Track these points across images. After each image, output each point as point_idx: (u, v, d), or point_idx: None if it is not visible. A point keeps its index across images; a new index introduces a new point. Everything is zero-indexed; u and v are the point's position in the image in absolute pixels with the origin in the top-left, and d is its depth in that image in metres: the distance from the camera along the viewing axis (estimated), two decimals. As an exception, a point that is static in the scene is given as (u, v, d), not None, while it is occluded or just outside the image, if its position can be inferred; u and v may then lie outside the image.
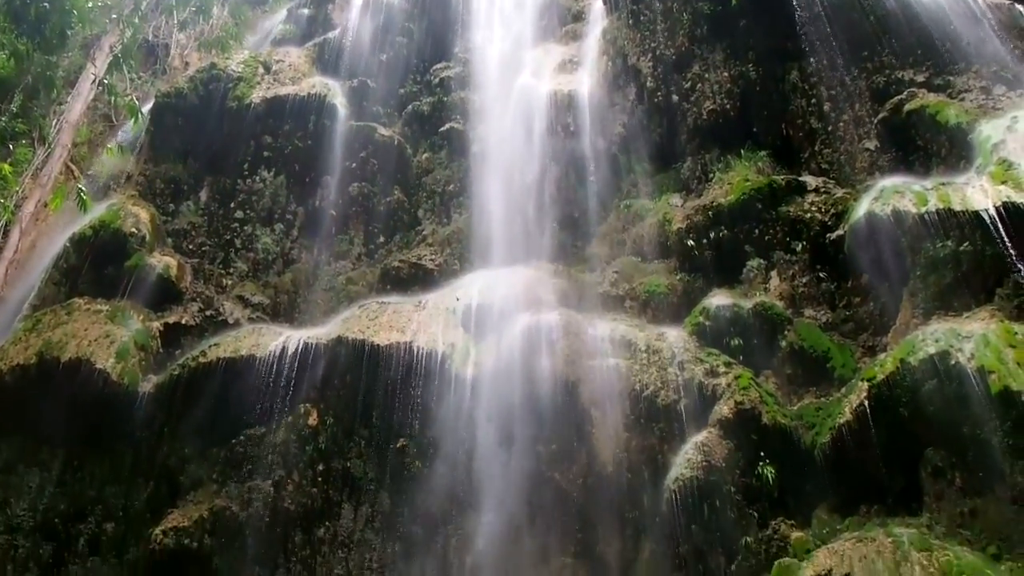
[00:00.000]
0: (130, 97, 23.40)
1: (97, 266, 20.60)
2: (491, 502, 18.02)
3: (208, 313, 20.77)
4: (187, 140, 24.85)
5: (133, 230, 21.03)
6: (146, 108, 24.05)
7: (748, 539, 15.24)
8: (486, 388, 18.91)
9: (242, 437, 17.92)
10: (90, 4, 21.96)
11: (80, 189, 17.99)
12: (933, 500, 13.88)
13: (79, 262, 20.52)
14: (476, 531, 17.78)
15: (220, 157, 24.51)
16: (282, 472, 17.48)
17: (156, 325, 19.63)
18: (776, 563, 14.34)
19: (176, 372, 18.29)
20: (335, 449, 18.15)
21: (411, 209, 25.42)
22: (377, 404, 18.64)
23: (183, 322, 20.25)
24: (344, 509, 17.91)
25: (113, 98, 22.40)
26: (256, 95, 24.89)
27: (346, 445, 18.34)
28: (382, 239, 24.83)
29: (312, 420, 18.06)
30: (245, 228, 23.90)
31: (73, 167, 24.24)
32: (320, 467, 17.83)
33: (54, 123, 22.97)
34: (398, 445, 18.56)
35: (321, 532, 17.46)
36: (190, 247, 23.17)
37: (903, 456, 14.62)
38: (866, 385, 15.05)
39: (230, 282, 22.68)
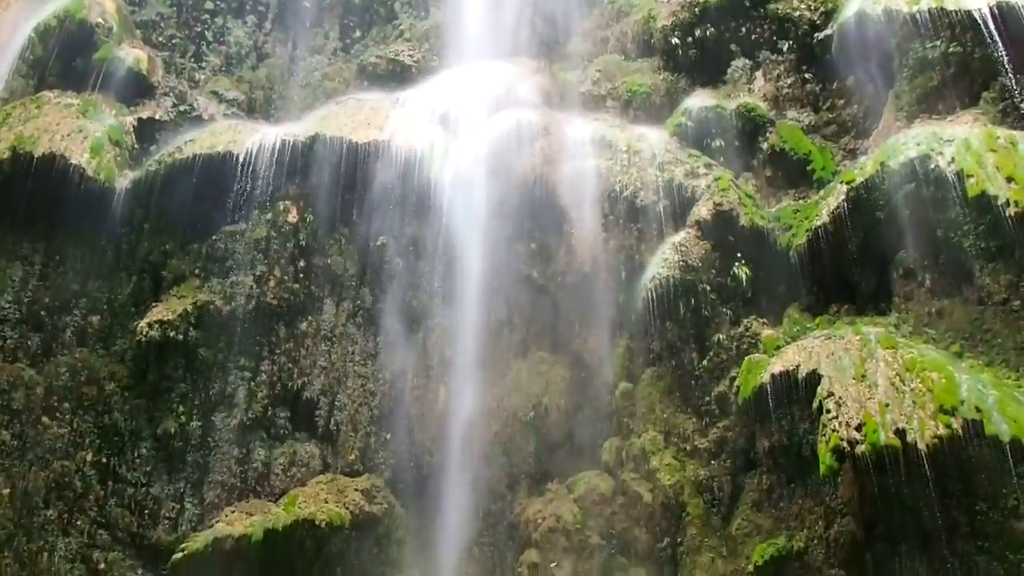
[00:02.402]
0: None
1: (64, 58, 19.87)
2: (470, 299, 18.36)
3: (182, 108, 20.28)
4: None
5: (99, 20, 20.17)
6: None
7: (720, 336, 15.73)
8: (464, 187, 18.87)
9: (222, 233, 17.94)
10: None
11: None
12: (902, 301, 14.29)
13: (45, 54, 19.73)
14: (456, 326, 18.21)
15: (187, -61, 23.32)
16: (263, 268, 17.62)
17: (130, 120, 19.19)
18: (746, 359, 14.89)
19: (153, 168, 18.05)
20: (315, 246, 18.25)
21: (387, 2, 24.52)
22: (356, 202, 18.63)
23: (157, 117, 19.78)
24: (326, 304, 18.20)
25: None
26: None
27: (326, 242, 18.44)
28: (358, 33, 24.10)
29: (292, 217, 18.06)
30: (216, 19, 23.07)
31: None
32: (301, 263, 17.98)
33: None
34: (378, 243, 18.68)
35: (304, 326, 17.80)
36: (159, 39, 22.36)
37: (876, 258, 14.95)
38: (844, 188, 15.17)
39: (203, 77, 22.08)
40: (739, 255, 16.14)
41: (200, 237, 17.99)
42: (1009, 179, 13.08)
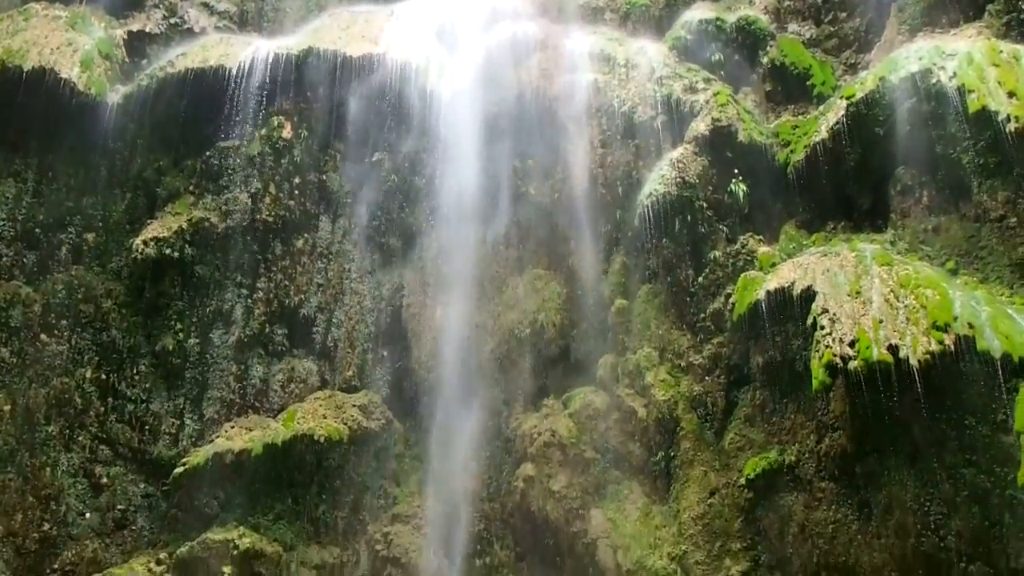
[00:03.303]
0: None
1: (50, -32, 19.45)
2: (467, 215, 18.31)
3: (172, 21, 19.87)
4: None
5: (85, -72, 19.67)
6: None
7: (716, 253, 15.72)
8: (461, 102, 18.66)
9: (216, 149, 17.78)
10: None
11: None
12: (899, 217, 14.25)
13: (30, -36, 19.31)
14: (452, 243, 18.19)
15: None
16: (258, 185, 17.52)
17: (119, 33, 18.82)
18: (742, 276, 14.91)
19: (144, 83, 17.80)
20: (310, 162, 18.13)
21: (381, -90, 23.88)
22: (351, 117, 18.43)
23: (147, 30, 19.39)
24: (322, 221, 18.16)
25: None
26: None
27: (321, 158, 18.31)
28: (351, -58, 23.52)
29: (286, 133, 17.89)
30: (205, -72, 22.48)
31: None
32: (296, 180, 17.87)
33: None
34: (373, 159, 18.56)
35: (300, 243, 17.78)
36: (147, -52, 21.82)
37: (873, 175, 14.86)
38: (844, 103, 14.99)
39: (193, -13, 21.63)
40: (737, 171, 16.03)
41: (194, 153, 17.85)
42: (1011, 94, 12.91)
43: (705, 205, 16.04)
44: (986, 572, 11.31)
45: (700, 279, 15.82)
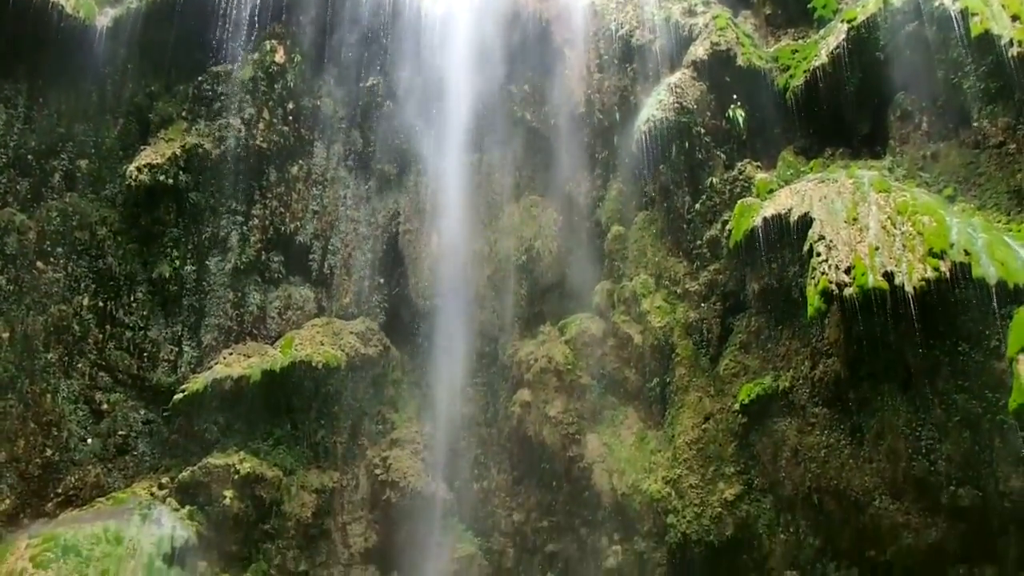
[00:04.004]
0: None
1: None
2: (463, 140, 18.20)
3: (160, -59, 19.45)
4: None
5: None
6: None
7: (714, 179, 15.64)
8: (455, 24, 18.42)
9: (208, 74, 17.53)
10: None
11: None
12: (898, 144, 14.15)
13: None
14: (448, 170, 18.10)
15: None
16: (252, 110, 17.33)
17: (106, -46, 18.43)
18: (739, 202, 14.84)
19: (133, 5, 17.41)
20: (304, 87, 17.92)
21: None
22: (345, 41, 18.17)
23: (135, -50, 19.00)
24: (316, 147, 18.03)
25: None
26: None
27: (315, 83, 18.10)
28: None
29: (279, 57, 17.63)
30: None
31: None
32: (290, 105, 17.68)
33: None
34: (368, 84, 18.36)
35: (295, 170, 17.66)
36: None
37: (873, 101, 14.72)
38: (845, 27, 14.77)
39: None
40: (735, 97, 15.86)
41: (186, 78, 17.60)
42: (1014, 18, 12.73)
43: (703, 131, 15.92)
44: (975, 495, 11.51)
45: (697, 206, 15.77)
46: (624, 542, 14.99)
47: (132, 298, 16.46)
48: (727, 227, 14.99)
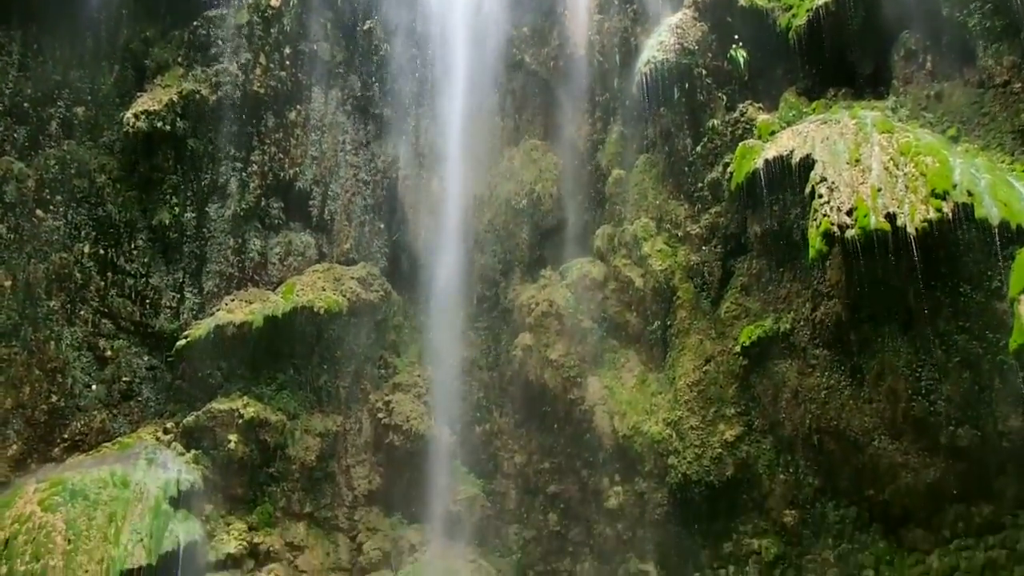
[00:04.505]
0: None
1: None
2: (462, 84, 18.04)
3: None
4: None
5: None
6: None
7: (715, 121, 15.52)
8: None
9: (203, 19, 17.29)
10: None
11: None
12: (901, 84, 14.01)
13: None
14: (447, 114, 17.97)
15: None
16: (248, 55, 17.13)
17: None
18: (740, 144, 14.74)
19: (126, -53, 17.20)
20: (301, 31, 17.70)
21: None
22: (341, -17, 17.96)
23: None
24: (315, 92, 17.87)
25: None
26: None
27: (312, 27, 17.87)
28: None
29: (274, 0, 17.39)
30: None
31: None
32: (287, 50, 17.48)
33: None
34: (365, 27, 18.14)
35: (293, 115, 17.53)
36: None
37: (877, 40, 14.52)
38: (849, -36, 14.57)
39: None
40: (737, 37, 15.66)
41: (181, 23, 17.37)
42: (1021, -47, 12.55)
43: (704, 72, 15.77)
44: (974, 435, 11.62)
45: (698, 148, 15.68)
46: (625, 483, 15.17)
47: (133, 245, 16.43)
48: (728, 169, 14.92)
